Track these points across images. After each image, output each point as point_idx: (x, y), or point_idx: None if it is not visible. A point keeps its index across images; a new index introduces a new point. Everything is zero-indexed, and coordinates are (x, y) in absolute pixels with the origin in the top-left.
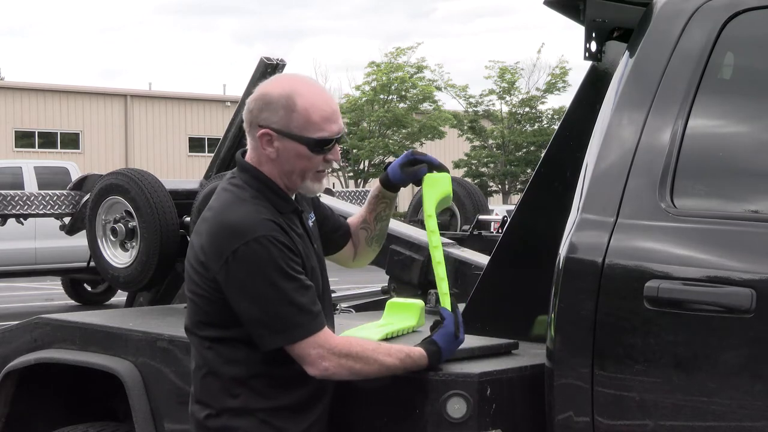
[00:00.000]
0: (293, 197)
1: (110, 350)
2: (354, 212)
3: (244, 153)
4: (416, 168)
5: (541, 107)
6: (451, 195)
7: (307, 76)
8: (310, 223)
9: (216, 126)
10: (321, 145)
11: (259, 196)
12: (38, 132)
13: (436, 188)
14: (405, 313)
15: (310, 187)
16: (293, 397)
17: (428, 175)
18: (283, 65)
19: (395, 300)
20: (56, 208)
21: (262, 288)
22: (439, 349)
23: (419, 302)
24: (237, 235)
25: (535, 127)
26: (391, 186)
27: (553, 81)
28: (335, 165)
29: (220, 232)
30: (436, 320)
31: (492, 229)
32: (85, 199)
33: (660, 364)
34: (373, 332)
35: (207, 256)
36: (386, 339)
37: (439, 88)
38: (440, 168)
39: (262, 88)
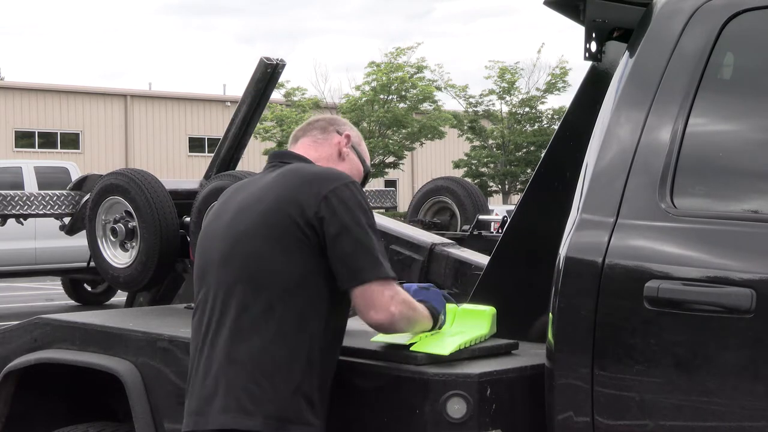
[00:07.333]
0: None
1: (110, 350)
2: None
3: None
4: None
5: (541, 107)
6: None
7: None
8: None
9: (216, 126)
10: (367, 177)
11: None
12: (38, 132)
13: (476, 323)
14: (476, 320)
15: None
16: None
17: (466, 308)
18: (283, 65)
19: (466, 306)
20: (56, 208)
21: (357, 225)
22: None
23: (490, 309)
24: (331, 179)
25: (535, 127)
26: None
27: (553, 81)
28: None
29: (312, 179)
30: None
31: (492, 229)
32: (85, 199)
33: (660, 364)
34: (447, 342)
35: (301, 203)
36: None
37: (439, 88)
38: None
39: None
